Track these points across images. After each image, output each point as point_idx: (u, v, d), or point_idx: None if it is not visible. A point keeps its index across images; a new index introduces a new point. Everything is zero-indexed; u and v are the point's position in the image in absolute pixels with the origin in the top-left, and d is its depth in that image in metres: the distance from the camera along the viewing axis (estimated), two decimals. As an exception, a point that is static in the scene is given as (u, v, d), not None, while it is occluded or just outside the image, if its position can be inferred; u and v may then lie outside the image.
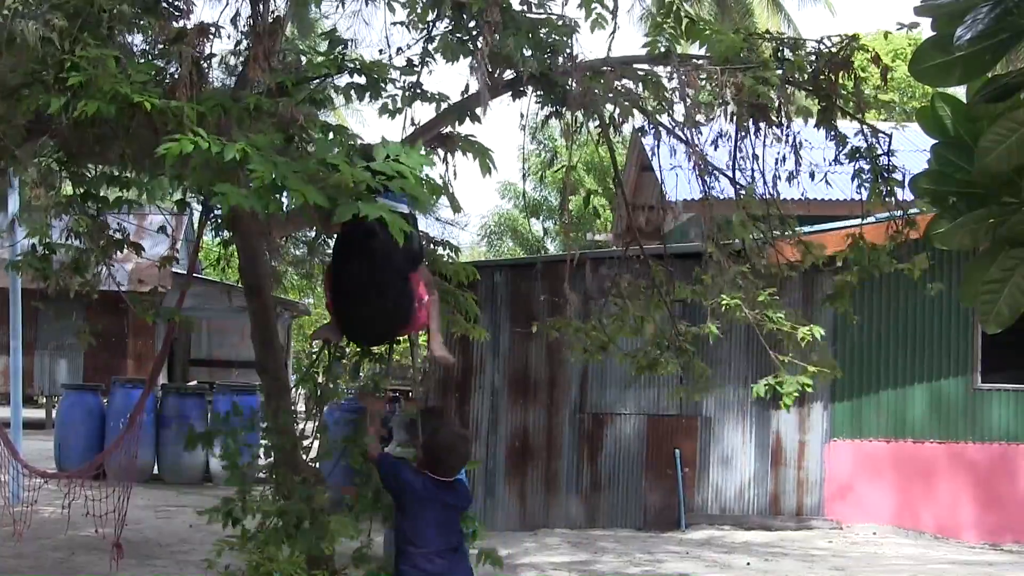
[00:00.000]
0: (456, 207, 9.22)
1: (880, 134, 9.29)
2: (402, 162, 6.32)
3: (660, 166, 9.93)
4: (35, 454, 18.76)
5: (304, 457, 8.29)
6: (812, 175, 9.65)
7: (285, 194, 6.34)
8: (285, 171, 6.07)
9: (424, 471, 7.04)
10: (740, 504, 17.27)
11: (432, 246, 9.38)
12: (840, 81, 8.93)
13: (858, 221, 9.88)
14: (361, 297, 7.14)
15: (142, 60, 7.92)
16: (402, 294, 7.26)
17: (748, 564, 14.08)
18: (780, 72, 8.64)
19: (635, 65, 8.68)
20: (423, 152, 8.31)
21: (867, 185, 9.35)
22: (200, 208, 9.20)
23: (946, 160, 5.20)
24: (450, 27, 8.53)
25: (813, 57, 8.91)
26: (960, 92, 5.27)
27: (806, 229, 12.61)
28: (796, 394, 9.63)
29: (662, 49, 8.66)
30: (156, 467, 20.00)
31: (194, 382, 27.15)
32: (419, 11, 8.48)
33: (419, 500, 7.00)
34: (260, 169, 5.89)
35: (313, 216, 6.93)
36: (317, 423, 8.48)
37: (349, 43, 8.39)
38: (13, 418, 16.56)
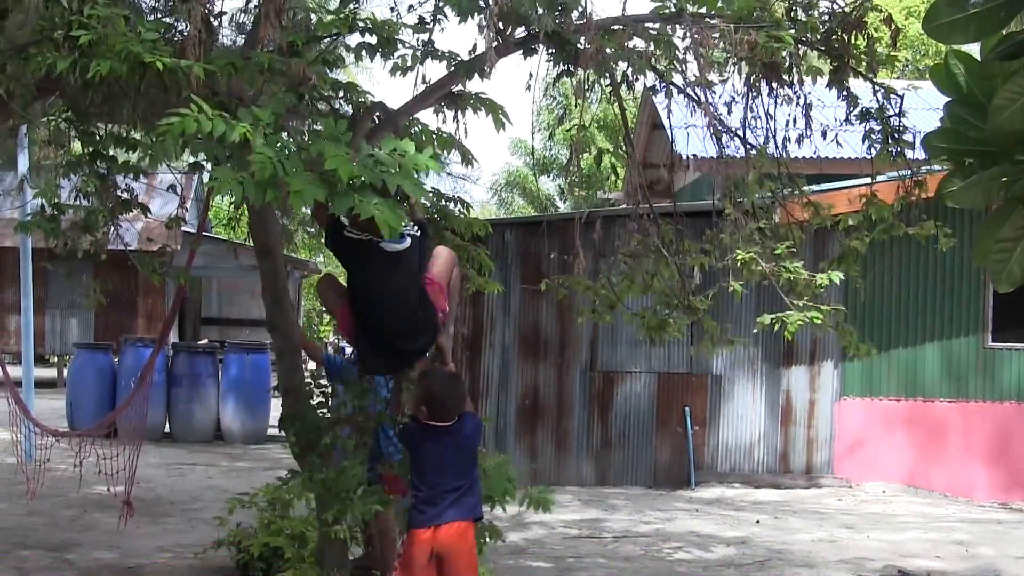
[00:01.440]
0: (469, 160, 9.22)
1: (892, 95, 9.24)
2: (406, 156, 6.16)
3: (671, 124, 9.90)
4: (47, 413, 18.85)
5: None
6: (824, 135, 9.62)
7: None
8: (287, 157, 5.92)
9: (419, 419, 7.07)
10: (750, 462, 17.31)
11: (444, 202, 9.36)
12: (852, 41, 8.88)
13: (868, 180, 9.86)
14: (396, 314, 7.19)
15: (151, 18, 7.90)
16: (430, 316, 7.32)
17: (758, 522, 14.11)
18: (793, 31, 8.59)
19: (647, 24, 8.65)
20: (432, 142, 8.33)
21: (877, 146, 9.32)
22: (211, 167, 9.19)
23: (959, 118, 5.17)
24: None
25: (826, 17, 8.86)
26: (974, 49, 5.23)
27: (817, 188, 12.59)
28: (801, 324, 9.58)
29: (672, 9, 8.61)
30: (167, 426, 20.08)
31: (205, 341, 27.21)
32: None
33: (418, 449, 7.09)
34: (261, 158, 5.77)
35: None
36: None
37: (360, 0, 8.36)
38: (25, 377, 16.61)
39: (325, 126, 6.27)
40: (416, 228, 7.12)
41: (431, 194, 9.14)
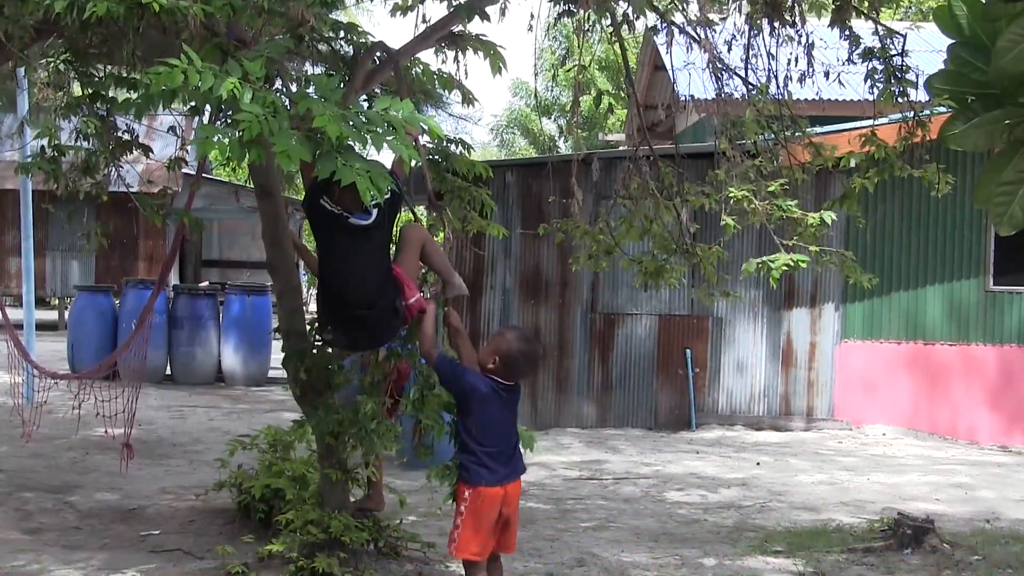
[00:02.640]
0: (469, 99, 9.18)
1: (894, 34, 9.20)
2: (394, 115, 6.01)
3: (673, 65, 9.86)
4: (48, 355, 18.89)
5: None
6: (826, 75, 9.58)
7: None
8: (275, 114, 5.79)
9: (490, 375, 7.11)
10: (750, 405, 17.34)
11: (445, 143, 9.32)
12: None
13: (871, 122, 9.81)
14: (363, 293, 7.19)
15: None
16: (392, 299, 7.31)
17: (758, 464, 14.15)
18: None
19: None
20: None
21: (880, 85, 9.28)
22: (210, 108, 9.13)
23: (962, 60, 5.13)
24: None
25: (828, -46, 8.81)
26: (978, -9, 5.19)
27: (819, 129, 12.55)
28: (785, 268, 9.54)
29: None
30: (168, 368, 20.10)
31: (206, 283, 27.21)
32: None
33: (485, 403, 7.09)
34: (247, 119, 5.67)
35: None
36: None
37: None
38: (26, 319, 16.63)
39: (317, 83, 6.17)
40: (388, 193, 7.00)
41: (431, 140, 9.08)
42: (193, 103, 6.18)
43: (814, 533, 10.17)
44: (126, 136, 9.52)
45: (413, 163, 7.12)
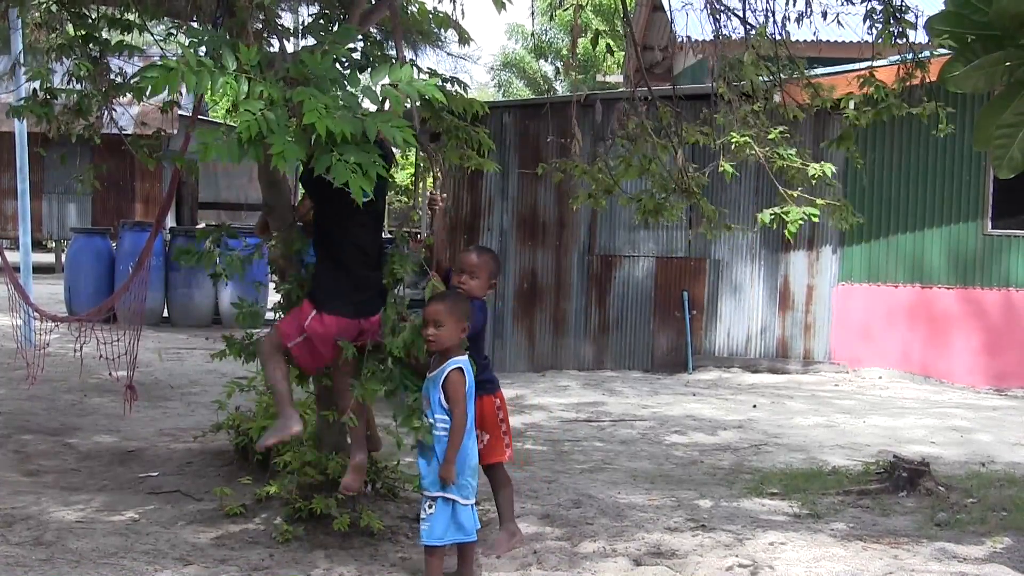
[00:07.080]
0: (465, 39, 9.11)
1: (895, -27, 9.12)
2: (399, 86, 5.95)
3: (671, 5, 9.79)
4: (46, 298, 18.89)
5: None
6: (824, 15, 9.51)
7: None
8: (271, 104, 5.75)
9: (480, 296, 7.44)
10: (747, 347, 17.36)
11: (442, 83, 9.25)
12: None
13: (869, 64, 9.75)
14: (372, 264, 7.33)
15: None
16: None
17: (755, 407, 14.17)
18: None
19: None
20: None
21: (879, 26, 9.22)
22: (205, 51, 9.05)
23: (963, 1, 5.10)
24: None
25: None
26: (979, -70, 5.14)
27: (817, 71, 12.48)
28: (801, 222, 9.52)
29: None
30: (166, 310, 20.10)
31: (203, 224, 27.14)
32: None
33: (486, 321, 7.64)
34: (247, 117, 5.63)
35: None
36: None
37: None
38: (23, 262, 16.61)
39: (310, 62, 6.09)
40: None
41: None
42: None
43: (810, 475, 10.19)
44: (119, 78, 9.47)
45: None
